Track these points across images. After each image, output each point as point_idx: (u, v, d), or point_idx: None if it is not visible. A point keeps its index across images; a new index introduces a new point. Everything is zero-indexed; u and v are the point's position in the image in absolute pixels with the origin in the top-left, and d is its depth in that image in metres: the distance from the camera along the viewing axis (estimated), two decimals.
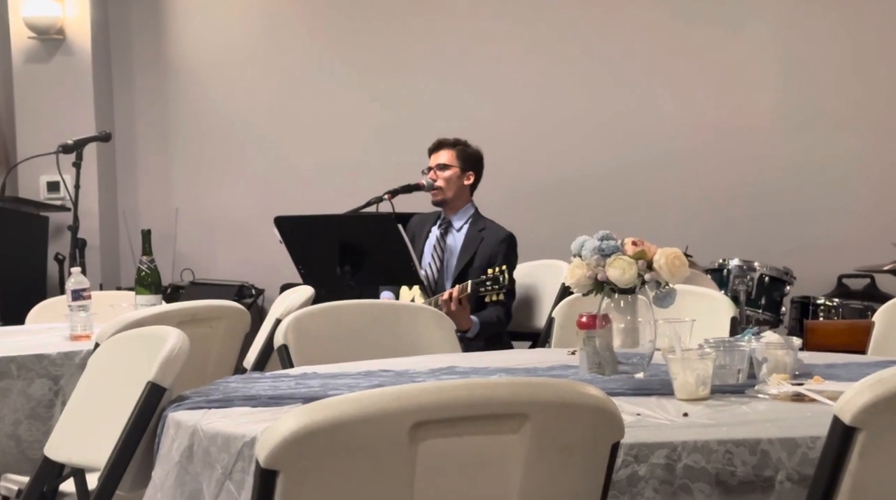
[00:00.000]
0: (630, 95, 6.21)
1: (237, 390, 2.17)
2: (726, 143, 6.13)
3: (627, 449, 1.70)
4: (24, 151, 6.11)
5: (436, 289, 4.37)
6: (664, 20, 6.19)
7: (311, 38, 6.49)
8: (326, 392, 2.12)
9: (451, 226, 4.48)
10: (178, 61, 6.59)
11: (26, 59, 6.35)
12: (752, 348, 2.20)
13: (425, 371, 2.42)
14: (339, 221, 4.28)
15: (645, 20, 6.20)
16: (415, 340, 3.03)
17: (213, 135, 6.57)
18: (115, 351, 2.39)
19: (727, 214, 6.10)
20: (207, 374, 2.85)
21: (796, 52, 6.09)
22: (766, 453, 1.72)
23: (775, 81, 6.12)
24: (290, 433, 1.47)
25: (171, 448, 1.93)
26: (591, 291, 2.30)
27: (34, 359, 3.00)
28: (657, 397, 2.04)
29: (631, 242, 2.29)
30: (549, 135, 6.27)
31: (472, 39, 6.34)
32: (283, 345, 2.81)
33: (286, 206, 5.38)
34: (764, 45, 6.12)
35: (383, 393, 1.52)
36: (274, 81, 6.52)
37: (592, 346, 2.30)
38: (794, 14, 6.10)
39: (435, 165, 4.48)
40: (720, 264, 5.35)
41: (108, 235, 6.51)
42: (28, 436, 2.96)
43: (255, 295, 6.27)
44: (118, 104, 6.61)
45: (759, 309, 5.26)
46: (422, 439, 1.51)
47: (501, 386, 1.58)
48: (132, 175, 6.66)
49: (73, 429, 2.32)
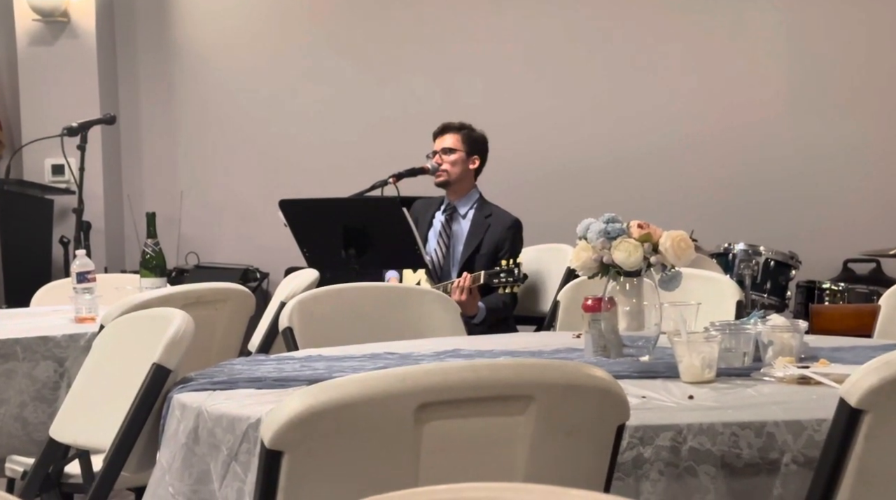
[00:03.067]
0: (635, 79, 6.19)
1: (242, 372, 2.17)
2: (732, 127, 6.11)
3: (633, 431, 1.70)
4: (29, 134, 6.10)
5: (441, 275, 4.36)
6: (671, 6, 6.16)
7: (315, 22, 6.48)
8: (331, 374, 2.11)
9: (457, 212, 4.47)
10: (183, 44, 6.57)
11: (31, 41, 6.34)
12: (758, 331, 2.19)
13: (430, 354, 2.42)
14: (344, 204, 4.28)
15: (652, 5, 6.17)
16: (420, 323, 3.03)
17: (217, 118, 6.56)
18: (120, 333, 2.39)
19: (733, 199, 6.08)
20: (212, 356, 2.85)
21: (802, 37, 6.07)
22: (771, 435, 1.72)
23: (782, 67, 6.09)
24: (296, 414, 1.47)
25: (177, 430, 1.93)
26: (597, 274, 2.29)
27: (39, 341, 3.01)
28: (662, 380, 2.04)
29: (637, 224, 2.28)
30: (555, 119, 6.25)
31: (478, 25, 6.31)
32: (287, 328, 2.81)
33: (291, 189, 5.38)
34: (770, 31, 6.10)
35: (388, 374, 1.52)
36: (279, 64, 6.50)
37: (598, 329, 2.30)
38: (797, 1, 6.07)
39: (440, 149, 4.47)
40: (726, 248, 5.34)
41: (113, 219, 6.51)
42: (33, 418, 2.96)
43: (260, 278, 6.27)
44: (123, 87, 6.60)
45: (764, 294, 5.25)
46: (427, 420, 1.51)
47: (507, 368, 1.58)
48: (137, 158, 6.65)
49: (79, 411, 2.32)
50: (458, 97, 6.17)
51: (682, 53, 6.15)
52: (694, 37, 6.13)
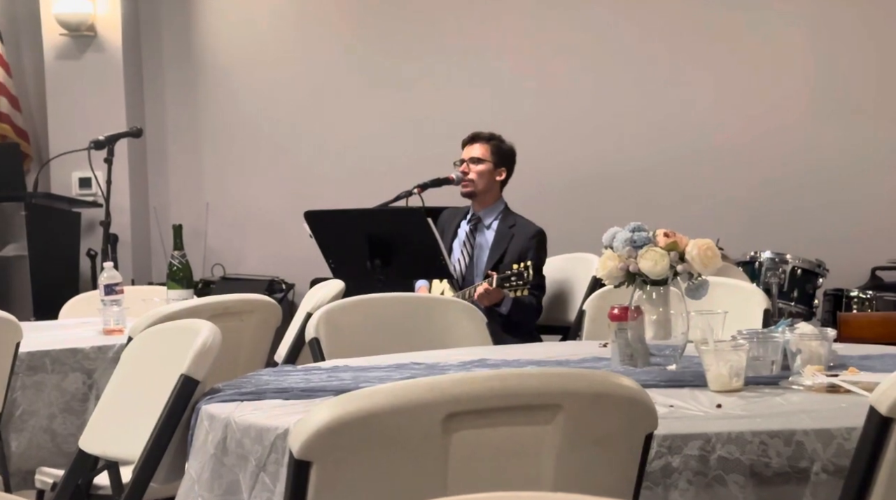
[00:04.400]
0: (660, 88, 6.18)
1: (269, 382, 2.18)
2: (758, 135, 6.09)
3: (661, 440, 1.69)
4: (56, 147, 6.15)
5: (464, 285, 4.37)
6: (693, 13, 6.15)
7: (339, 33, 6.50)
8: (358, 385, 2.12)
9: (481, 222, 4.47)
10: (208, 57, 6.61)
11: (58, 55, 6.40)
12: (786, 340, 2.18)
13: (456, 364, 2.42)
14: (369, 215, 4.29)
15: (674, 13, 6.16)
16: (445, 333, 3.03)
17: (243, 130, 6.59)
18: (147, 345, 2.41)
19: (759, 207, 6.05)
20: (239, 367, 2.86)
21: (827, 42, 6.04)
22: (801, 444, 1.71)
23: (807, 73, 6.06)
24: (324, 424, 1.48)
25: (205, 441, 1.93)
26: (623, 282, 2.29)
27: (68, 353, 3.03)
28: (690, 389, 2.03)
29: (663, 233, 2.27)
30: (580, 129, 6.24)
31: (504, 35, 6.32)
32: (314, 338, 2.82)
33: (316, 200, 5.39)
34: (795, 37, 6.07)
35: (416, 384, 1.52)
36: (303, 76, 6.53)
37: (624, 338, 2.29)
38: (825, 5, 6.04)
39: (468, 158, 4.47)
40: (752, 256, 5.31)
41: (140, 231, 6.55)
42: (62, 430, 2.98)
43: (286, 290, 6.29)
44: (149, 100, 6.65)
45: (791, 302, 5.22)
46: (455, 429, 1.51)
47: (534, 377, 1.57)
48: (163, 170, 6.69)
49: (107, 422, 2.33)
50: (482, 108, 6.17)
51: (706, 62, 6.13)
52: (717, 46, 6.11)
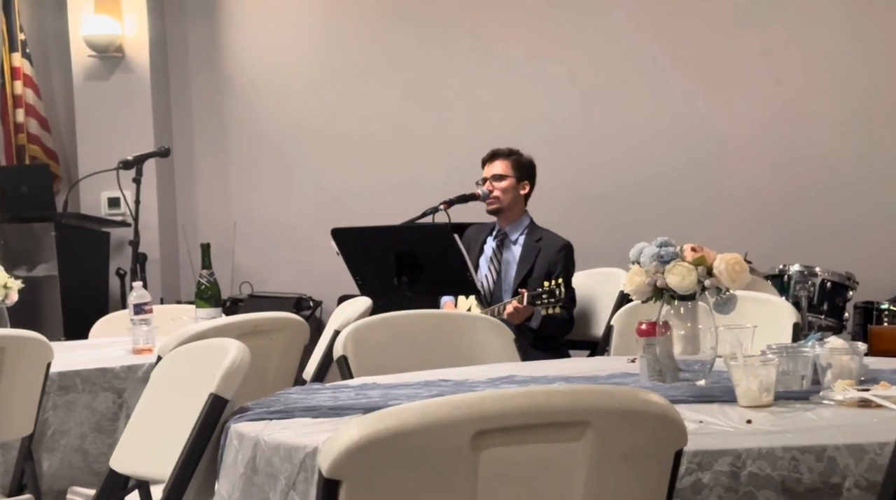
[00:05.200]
0: (686, 100, 6.16)
1: (298, 401, 2.18)
2: (785, 147, 6.06)
3: (691, 457, 1.68)
4: (85, 167, 6.21)
5: (492, 301, 4.36)
6: (716, 22, 6.13)
7: (365, 51, 6.53)
8: (386, 402, 2.12)
9: (507, 238, 4.47)
10: (235, 76, 6.66)
11: (86, 77, 6.46)
12: (816, 354, 2.17)
13: (484, 380, 2.42)
14: (396, 231, 4.30)
15: (697, 23, 6.15)
16: (473, 349, 3.02)
17: (269, 149, 6.63)
18: (177, 364, 2.42)
19: (787, 219, 6.02)
20: (268, 385, 2.87)
21: (857, 48, 6.00)
22: (832, 459, 1.69)
23: (836, 82, 6.03)
24: (353, 443, 1.48)
25: (235, 460, 1.94)
26: (651, 298, 2.28)
27: (98, 373, 3.05)
28: (720, 405, 2.02)
29: (690, 248, 2.27)
30: (604, 142, 6.24)
31: (526, 53, 6.33)
32: (342, 356, 2.82)
33: (343, 218, 5.41)
34: (828, 49, 6.03)
35: (445, 402, 1.52)
36: (329, 94, 6.56)
37: (652, 353, 2.28)
38: (855, 10, 6.00)
39: (490, 176, 4.48)
40: (780, 269, 5.28)
41: (168, 250, 6.59)
42: (93, 449, 3.00)
43: (313, 307, 6.31)
44: (176, 120, 6.70)
45: (821, 315, 5.18)
46: (484, 447, 1.51)
47: (562, 394, 1.57)
48: (191, 189, 6.73)
49: (138, 441, 2.34)
50: (507, 123, 6.17)
51: (736, 72, 6.11)
52: (748, 55, 6.09)
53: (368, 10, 6.51)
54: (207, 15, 6.65)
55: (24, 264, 5.86)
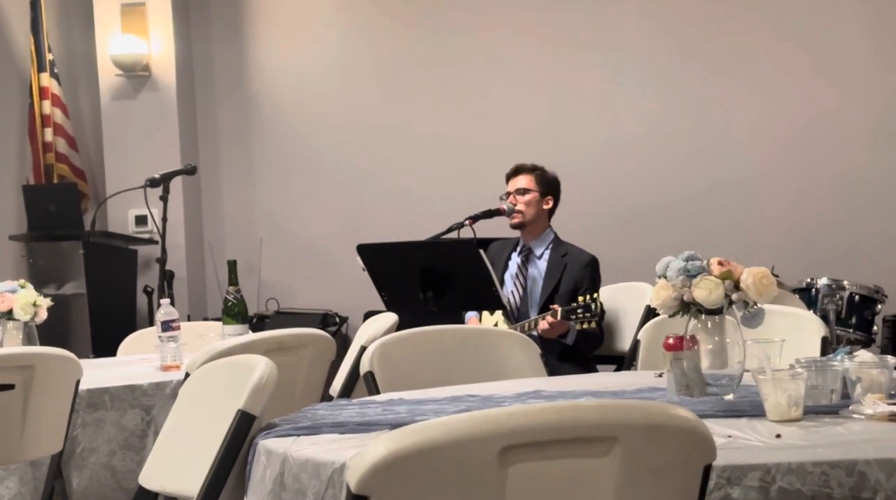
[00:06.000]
0: (711, 114, 6.15)
1: (325, 417, 2.19)
2: (812, 160, 6.03)
3: (720, 472, 1.67)
4: (113, 186, 6.25)
5: (519, 317, 4.36)
6: (743, 39, 6.12)
7: (389, 69, 6.55)
8: (413, 418, 2.12)
9: (532, 253, 4.47)
10: (260, 94, 6.70)
11: (114, 96, 6.51)
12: (846, 368, 2.15)
13: (511, 396, 2.42)
14: (421, 247, 4.30)
15: (724, 40, 6.14)
16: (499, 364, 3.02)
17: (295, 165, 6.66)
18: (205, 380, 2.43)
19: (814, 232, 5.99)
20: (295, 402, 2.88)
21: (882, 65, 5.97)
22: (863, 474, 1.68)
23: (862, 96, 6.00)
24: (380, 459, 1.48)
25: (263, 476, 1.95)
26: (678, 312, 2.28)
27: (126, 390, 3.07)
28: (748, 419, 2.01)
29: (717, 262, 2.26)
30: (629, 156, 6.23)
31: (551, 67, 6.33)
32: (368, 372, 2.82)
33: (368, 233, 5.43)
34: (849, 60, 6.01)
35: (472, 417, 1.52)
36: (353, 111, 6.59)
37: (680, 368, 2.27)
38: (878, 25, 5.97)
39: (514, 190, 4.48)
40: (808, 283, 5.25)
41: (195, 267, 6.62)
42: (122, 466, 3.01)
43: (340, 323, 6.32)
44: (202, 137, 6.74)
45: (849, 329, 5.15)
46: (511, 462, 1.51)
47: (590, 409, 1.57)
48: (217, 207, 6.77)
49: (166, 458, 2.35)
50: (530, 139, 6.18)
51: (762, 87, 6.09)
52: (774, 70, 6.07)
53: (392, 27, 6.54)
54: (233, 33, 6.70)
55: (52, 283, 5.90)
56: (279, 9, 6.66)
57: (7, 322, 3.39)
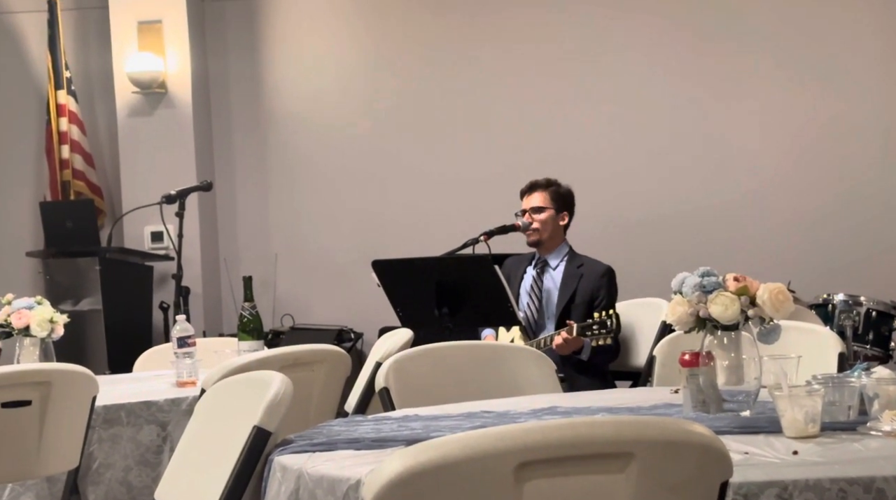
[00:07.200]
0: (726, 129, 6.15)
1: (340, 433, 2.19)
2: (827, 175, 6.02)
3: (736, 488, 1.67)
4: (129, 202, 6.28)
5: (535, 330, 4.35)
6: (755, 51, 6.12)
7: (405, 85, 6.57)
8: (429, 434, 2.12)
9: (548, 265, 4.47)
10: (276, 111, 6.72)
11: (130, 113, 6.55)
12: (863, 384, 2.14)
13: (527, 412, 2.41)
14: (436, 263, 4.30)
15: (736, 52, 6.14)
16: (515, 380, 3.01)
17: (309, 182, 6.68)
18: (220, 396, 2.43)
19: (830, 248, 5.97)
20: (310, 418, 2.88)
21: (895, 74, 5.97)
22: (881, 491, 1.67)
23: (877, 107, 5.99)
24: (396, 475, 1.48)
25: (278, 492, 1.95)
26: (694, 328, 2.27)
27: (142, 406, 3.07)
28: (765, 436, 2.00)
29: (733, 277, 2.25)
30: (644, 170, 6.23)
31: (566, 82, 6.35)
32: (384, 388, 2.82)
33: (383, 249, 5.43)
34: (862, 70, 6.00)
35: (487, 433, 1.52)
36: (369, 129, 6.61)
37: (696, 384, 2.27)
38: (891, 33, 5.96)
39: (529, 208, 4.48)
40: (825, 299, 5.23)
41: (211, 283, 6.64)
42: (138, 482, 3.02)
43: (355, 339, 6.32)
44: (218, 154, 6.77)
45: (866, 344, 5.12)
46: (527, 479, 1.51)
47: (606, 425, 1.56)
48: (232, 223, 6.79)
49: (182, 474, 2.35)
50: (548, 152, 6.19)
51: (776, 100, 6.09)
52: (788, 84, 6.07)
53: (408, 44, 6.56)
54: (249, 51, 6.73)
55: (69, 299, 5.93)
56: (295, 26, 6.69)
57: (24, 338, 3.40)
